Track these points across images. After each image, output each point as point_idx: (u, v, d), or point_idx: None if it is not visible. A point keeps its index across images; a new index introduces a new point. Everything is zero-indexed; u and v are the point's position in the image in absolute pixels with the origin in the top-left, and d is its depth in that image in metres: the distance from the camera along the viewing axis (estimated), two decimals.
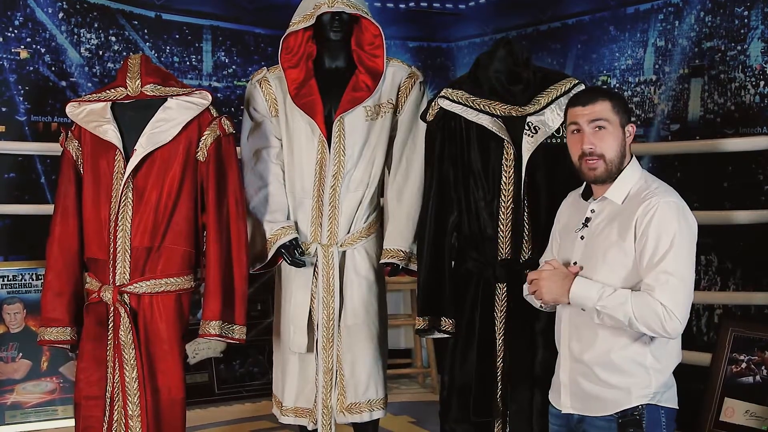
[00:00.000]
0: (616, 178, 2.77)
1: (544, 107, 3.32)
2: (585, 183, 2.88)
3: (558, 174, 3.31)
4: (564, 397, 2.86)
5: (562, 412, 2.86)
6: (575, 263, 2.83)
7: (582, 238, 2.83)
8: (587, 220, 2.84)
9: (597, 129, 2.75)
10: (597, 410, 2.75)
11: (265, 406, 4.50)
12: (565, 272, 2.76)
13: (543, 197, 3.32)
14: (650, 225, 2.63)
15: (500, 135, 3.29)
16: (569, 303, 2.74)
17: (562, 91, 3.34)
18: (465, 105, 3.36)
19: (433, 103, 3.43)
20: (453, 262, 3.49)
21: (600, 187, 2.81)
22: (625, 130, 2.77)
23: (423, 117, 3.50)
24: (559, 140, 3.33)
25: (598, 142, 2.74)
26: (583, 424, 2.79)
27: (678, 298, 2.58)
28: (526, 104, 3.33)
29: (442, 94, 3.41)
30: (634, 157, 2.80)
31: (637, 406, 2.69)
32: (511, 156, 3.30)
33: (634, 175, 2.77)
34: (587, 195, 2.89)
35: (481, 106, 3.35)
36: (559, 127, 3.31)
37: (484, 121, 3.33)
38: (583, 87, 3.37)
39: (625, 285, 2.66)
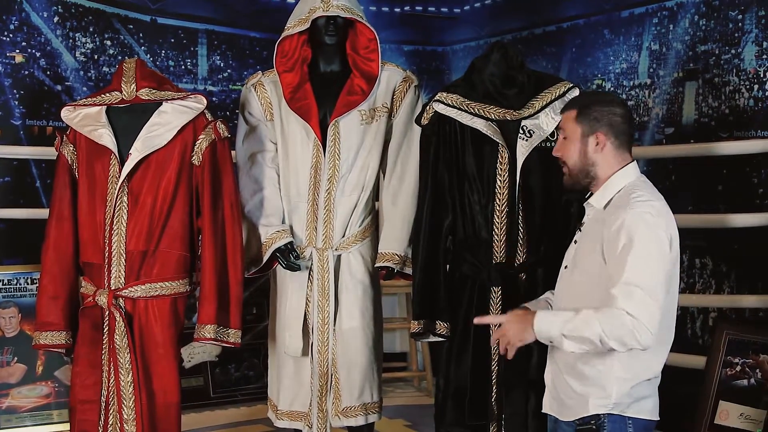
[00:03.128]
0: (590, 185, 2.78)
1: (539, 111, 3.33)
2: None
3: (552, 178, 3.31)
4: (546, 398, 2.89)
5: (542, 411, 2.90)
6: (566, 267, 2.85)
7: (575, 242, 2.85)
8: (581, 224, 2.86)
9: (563, 138, 2.83)
10: (564, 414, 2.77)
11: (261, 410, 4.50)
12: (522, 312, 2.78)
13: (537, 201, 3.33)
14: (616, 236, 2.60)
15: (495, 139, 3.30)
16: (537, 339, 2.69)
17: (557, 94, 3.35)
18: (459, 109, 3.37)
19: (428, 107, 3.43)
20: (448, 266, 3.50)
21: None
22: (589, 140, 2.75)
23: (418, 121, 3.50)
24: (553, 144, 3.33)
25: (562, 150, 2.83)
26: (557, 426, 2.83)
27: (645, 307, 2.51)
28: (521, 108, 3.34)
29: (437, 97, 3.41)
30: (629, 165, 2.76)
31: (596, 415, 2.67)
32: (506, 160, 3.31)
33: (620, 182, 2.74)
34: None
35: (476, 109, 3.35)
36: (553, 131, 3.32)
37: (479, 124, 3.33)
38: (577, 91, 3.38)
39: (601, 292, 2.61)
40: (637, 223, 2.58)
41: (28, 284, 4.51)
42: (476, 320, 3.00)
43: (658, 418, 2.75)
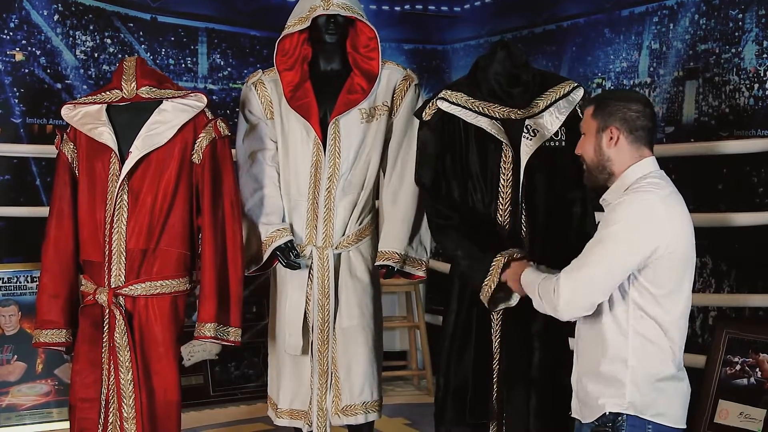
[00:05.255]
0: (608, 180, 2.80)
1: (543, 110, 3.32)
2: None
3: (556, 177, 3.31)
4: (573, 401, 2.88)
5: (571, 415, 2.89)
6: None
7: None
8: (598, 223, 2.86)
9: (582, 135, 2.86)
10: (586, 416, 2.78)
11: (261, 409, 4.51)
12: (524, 263, 3.00)
13: (541, 200, 3.33)
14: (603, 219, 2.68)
15: (499, 137, 3.30)
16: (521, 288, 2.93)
17: (561, 94, 3.35)
18: (463, 107, 3.36)
19: (431, 103, 3.42)
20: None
21: None
22: (603, 135, 2.77)
23: (418, 114, 3.48)
24: (557, 143, 3.33)
25: (581, 148, 2.86)
26: (582, 428, 2.82)
27: (573, 281, 2.64)
28: (525, 107, 3.33)
29: (441, 95, 3.40)
30: (645, 159, 2.75)
31: (612, 414, 2.67)
32: (510, 159, 3.31)
33: (634, 175, 2.73)
34: None
35: (480, 108, 3.34)
36: (557, 130, 3.32)
37: (483, 123, 3.33)
38: (582, 90, 3.38)
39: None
40: (623, 208, 2.63)
41: (28, 282, 4.52)
42: None
43: (684, 427, 2.71)
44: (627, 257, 2.61)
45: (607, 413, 2.68)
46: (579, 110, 3.31)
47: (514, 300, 3.22)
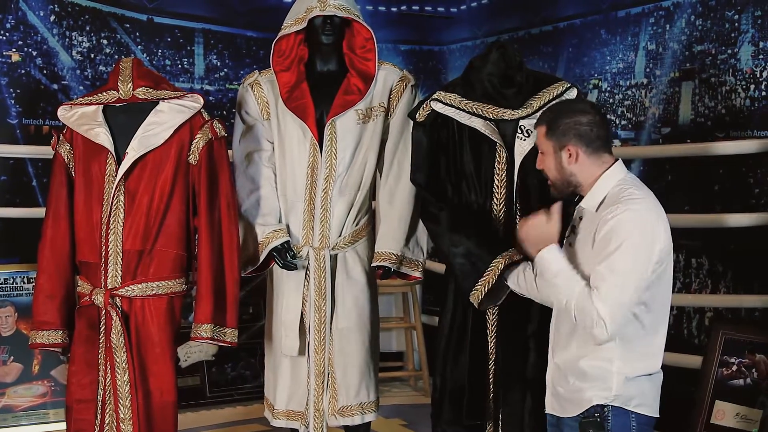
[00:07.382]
0: (577, 190, 2.84)
1: (537, 110, 3.32)
2: None
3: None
4: (547, 398, 2.93)
5: (545, 411, 2.93)
6: None
7: (570, 244, 2.87)
8: (573, 227, 2.88)
9: (540, 153, 2.91)
10: (567, 411, 2.80)
11: (257, 410, 4.50)
12: (550, 231, 2.80)
13: (535, 200, 3.32)
14: (603, 229, 2.66)
15: (493, 138, 3.30)
16: (534, 259, 2.81)
17: (555, 94, 3.35)
18: (458, 108, 3.36)
19: (425, 104, 3.43)
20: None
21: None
22: (562, 154, 2.80)
23: (412, 115, 3.48)
24: None
25: (542, 165, 2.91)
26: (560, 423, 2.85)
27: (611, 301, 2.60)
28: (519, 107, 3.33)
29: (435, 96, 3.41)
30: (614, 165, 2.80)
31: (598, 407, 2.71)
32: (504, 159, 3.31)
33: (608, 183, 2.78)
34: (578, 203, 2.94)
35: (474, 109, 3.35)
36: None
37: (477, 124, 3.33)
38: (575, 91, 3.38)
39: None
40: (627, 221, 2.64)
41: (24, 283, 4.51)
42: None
43: (658, 416, 2.79)
44: (647, 269, 2.64)
45: (595, 405, 2.72)
46: None
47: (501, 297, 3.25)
